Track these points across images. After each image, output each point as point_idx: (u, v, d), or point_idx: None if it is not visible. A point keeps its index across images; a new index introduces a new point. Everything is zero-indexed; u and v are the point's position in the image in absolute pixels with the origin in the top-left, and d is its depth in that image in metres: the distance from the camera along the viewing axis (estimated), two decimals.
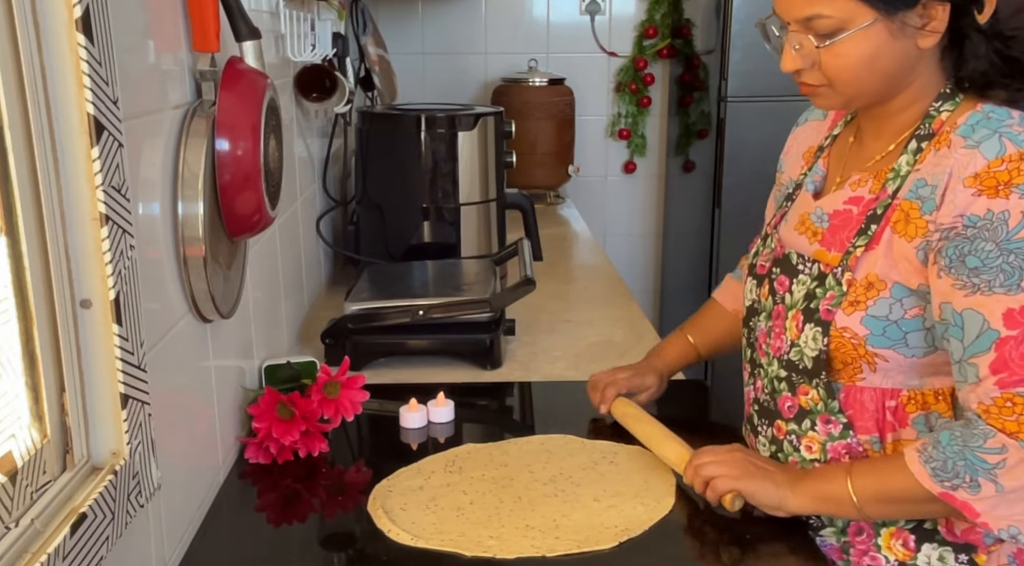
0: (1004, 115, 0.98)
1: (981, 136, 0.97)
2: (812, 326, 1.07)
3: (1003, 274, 0.93)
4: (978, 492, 0.94)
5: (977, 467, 0.94)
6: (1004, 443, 0.93)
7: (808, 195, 1.16)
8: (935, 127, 1.02)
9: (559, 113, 3.07)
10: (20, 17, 0.76)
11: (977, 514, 0.94)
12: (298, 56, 1.72)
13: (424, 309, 1.58)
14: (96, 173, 0.82)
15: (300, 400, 1.29)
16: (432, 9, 3.20)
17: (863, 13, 0.96)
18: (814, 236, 1.11)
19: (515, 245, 1.83)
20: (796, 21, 1.00)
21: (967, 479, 0.94)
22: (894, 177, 1.04)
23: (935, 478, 0.96)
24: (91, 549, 0.81)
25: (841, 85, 1.02)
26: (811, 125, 1.25)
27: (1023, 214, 0.93)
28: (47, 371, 0.81)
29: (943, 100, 1.03)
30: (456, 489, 1.18)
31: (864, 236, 1.04)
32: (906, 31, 0.98)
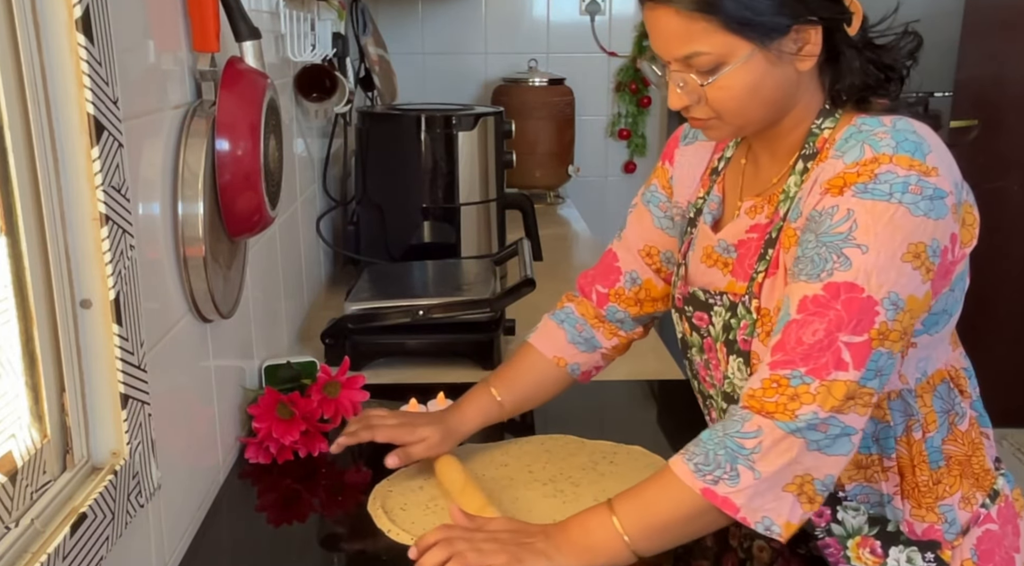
0: (875, 125, 0.98)
1: (848, 147, 0.97)
2: (735, 357, 1.07)
3: (811, 263, 0.94)
4: (737, 483, 0.92)
5: (736, 453, 0.92)
6: (760, 425, 0.92)
7: (706, 227, 1.15)
8: (819, 145, 1.02)
9: (559, 113, 3.07)
10: (20, 17, 0.76)
11: (737, 508, 0.92)
12: (298, 56, 1.72)
13: (424, 309, 1.58)
14: (96, 173, 0.82)
15: (300, 400, 1.29)
16: (432, 9, 3.20)
17: (740, 46, 0.96)
18: (725, 267, 1.10)
19: (515, 245, 1.83)
20: (676, 60, 1.00)
21: (727, 468, 0.92)
22: (784, 199, 1.04)
23: (698, 473, 0.94)
24: (91, 549, 0.81)
25: (729, 116, 1.02)
26: (700, 145, 1.22)
27: (848, 211, 0.93)
28: (47, 371, 0.82)
29: (824, 117, 1.03)
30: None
31: (763, 261, 1.04)
32: (783, 57, 0.98)
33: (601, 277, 1.31)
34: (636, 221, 1.30)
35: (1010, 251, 3.63)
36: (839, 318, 0.92)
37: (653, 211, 1.27)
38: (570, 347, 1.29)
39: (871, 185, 0.93)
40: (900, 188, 0.92)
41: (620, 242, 1.31)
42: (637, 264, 1.28)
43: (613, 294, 1.29)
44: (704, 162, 1.21)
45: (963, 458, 1.08)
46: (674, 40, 0.99)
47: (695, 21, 0.96)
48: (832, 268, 0.93)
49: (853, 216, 0.93)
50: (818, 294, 0.93)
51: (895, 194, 0.92)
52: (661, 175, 1.27)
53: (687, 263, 1.18)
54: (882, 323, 0.92)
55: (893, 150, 0.94)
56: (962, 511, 1.07)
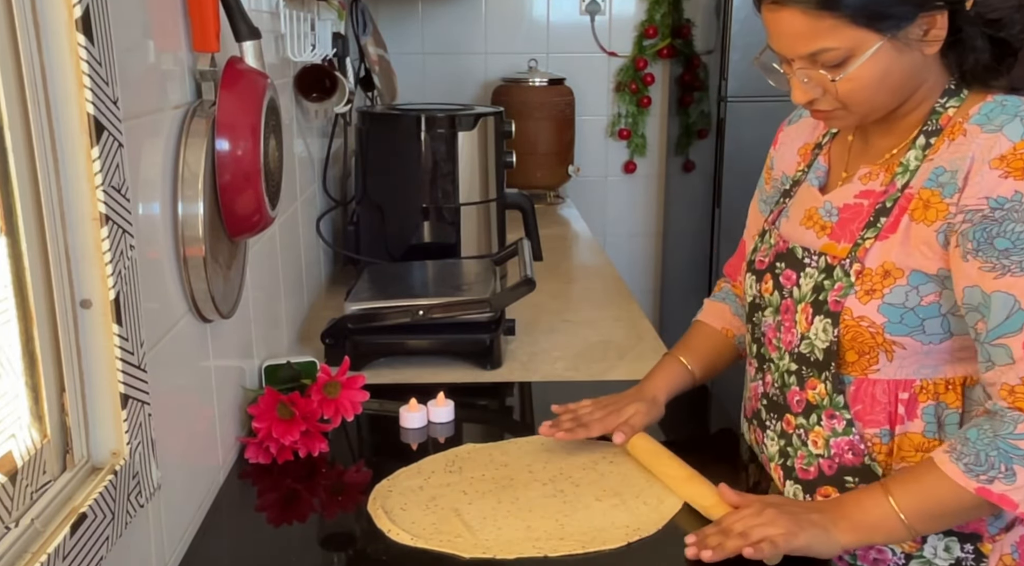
0: (1018, 102, 1.00)
1: (1002, 121, 0.98)
2: (822, 318, 1.07)
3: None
4: (1014, 481, 0.93)
5: (1011, 455, 0.93)
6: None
7: (813, 189, 1.16)
8: (942, 122, 1.04)
9: (559, 113, 3.07)
10: (20, 17, 0.76)
11: (1015, 505, 0.94)
12: (298, 56, 1.72)
13: (424, 309, 1.58)
14: (96, 173, 0.82)
15: (300, 400, 1.29)
16: (432, 9, 3.20)
17: (869, 38, 0.97)
18: (822, 230, 1.12)
19: (515, 245, 1.83)
20: (801, 58, 1.01)
21: (1002, 469, 0.94)
22: (903, 172, 1.05)
23: (969, 474, 0.95)
24: (91, 549, 0.81)
25: (855, 106, 1.03)
26: (805, 122, 1.25)
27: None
28: (47, 371, 0.81)
29: (948, 96, 1.05)
30: (456, 489, 1.18)
31: (873, 229, 1.05)
32: (911, 44, 0.99)
33: (738, 267, 1.36)
34: (753, 212, 1.35)
35: None
36: None
37: (764, 211, 1.32)
38: (735, 319, 1.37)
39: None
40: None
41: (748, 232, 1.37)
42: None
43: None
44: (805, 137, 1.24)
45: None
46: (800, 39, 0.99)
47: (822, 19, 0.96)
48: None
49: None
50: None
51: None
52: (767, 170, 1.32)
53: (777, 227, 1.20)
54: None
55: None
56: None
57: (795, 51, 1.01)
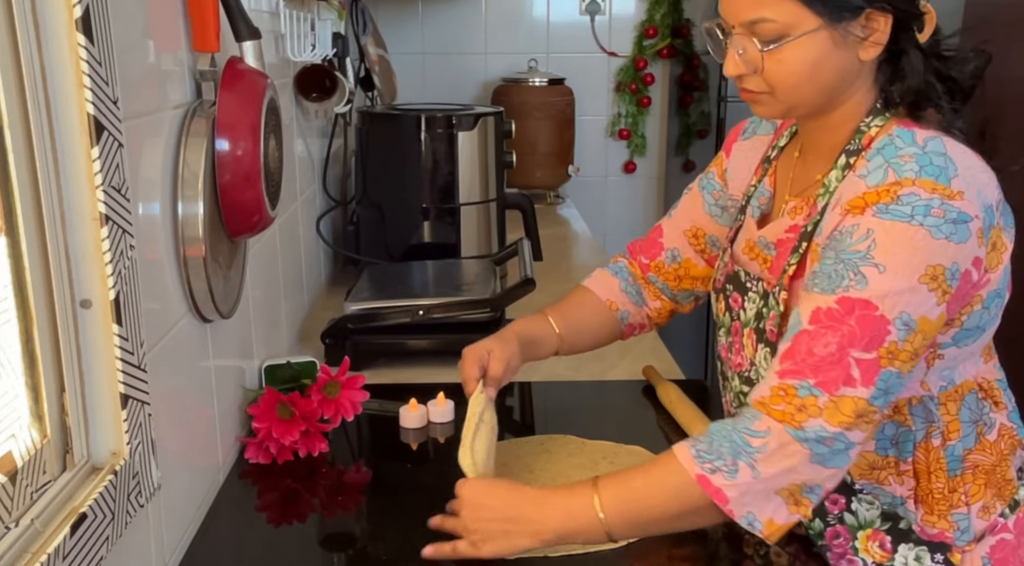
0: (907, 141, 0.98)
1: (874, 166, 0.97)
2: (763, 346, 1.08)
3: (827, 278, 0.95)
4: (735, 477, 0.93)
5: (740, 449, 0.94)
6: (770, 426, 0.93)
7: (752, 221, 1.16)
8: (864, 142, 1.02)
9: (559, 113, 3.07)
10: (20, 17, 0.76)
11: (727, 500, 0.94)
12: (298, 56, 1.72)
13: (424, 309, 1.58)
14: (96, 173, 0.82)
15: (300, 400, 1.29)
16: (432, 9, 3.20)
17: (808, 19, 0.96)
18: (764, 263, 1.12)
19: (515, 245, 1.83)
20: (741, 25, 1.00)
21: (728, 461, 0.94)
22: (824, 193, 1.04)
23: (698, 459, 0.95)
24: (91, 549, 0.81)
25: (782, 92, 1.02)
26: (758, 140, 1.24)
27: (868, 231, 0.93)
28: (47, 371, 0.81)
29: (874, 115, 1.03)
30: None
31: (796, 254, 1.05)
32: (848, 41, 0.98)
33: (645, 249, 1.36)
34: (689, 203, 1.33)
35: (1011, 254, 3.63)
36: (852, 333, 0.92)
37: (706, 197, 1.30)
38: (623, 295, 1.35)
39: (892, 206, 0.93)
40: (922, 211, 0.92)
41: (669, 220, 1.35)
42: (681, 243, 1.32)
43: (654, 266, 1.34)
44: (760, 154, 1.23)
45: (989, 467, 1.08)
46: (744, 4, 0.99)
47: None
48: (848, 284, 0.93)
49: (872, 235, 0.93)
50: (832, 307, 0.93)
51: (916, 216, 0.92)
52: (719, 165, 1.30)
53: (732, 248, 1.20)
54: (892, 343, 0.92)
55: (916, 174, 0.94)
56: (979, 519, 1.07)
57: (736, 16, 1.00)
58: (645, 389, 1.56)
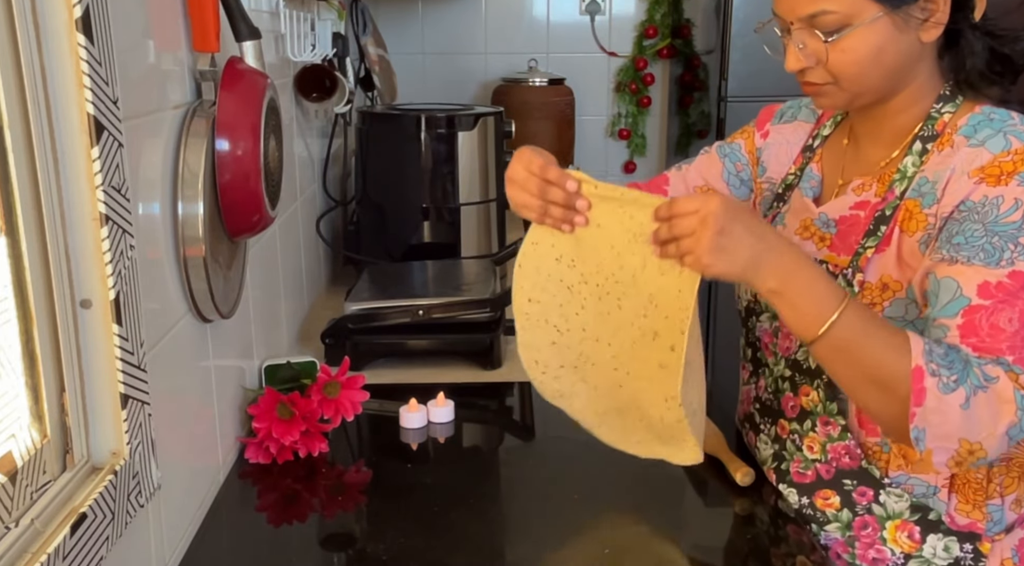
0: (1005, 116, 1.00)
1: (985, 135, 0.98)
2: None
3: (984, 252, 0.94)
4: (948, 392, 0.89)
5: (970, 374, 0.90)
6: (999, 375, 0.91)
7: (807, 200, 1.16)
8: (938, 128, 1.03)
9: (559, 113, 3.07)
10: (20, 17, 0.76)
11: (921, 401, 0.89)
12: (298, 56, 1.72)
13: (424, 309, 1.58)
14: (96, 173, 0.82)
15: (300, 400, 1.29)
16: (432, 9, 3.20)
17: (868, 8, 0.97)
18: (822, 242, 1.11)
19: (515, 245, 1.82)
20: (800, 19, 1.00)
21: (953, 378, 0.90)
22: (901, 178, 1.04)
23: (927, 356, 0.91)
24: (91, 549, 0.81)
25: (847, 81, 1.02)
26: (798, 125, 1.24)
27: (1016, 200, 0.94)
28: (47, 371, 0.81)
29: (944, 102, 1.05)
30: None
31: (874, 237, 1.05)
32: (910, 24, 0.98)
33: (647, 190, 1.31)
34: (704, 163, 1.31)
35: None
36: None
37: (727, 165, 1.29)
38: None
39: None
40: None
41: (678, 172, 1.33)
42: (685, 194, 1.26)
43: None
44: (800, 141, 1.22)
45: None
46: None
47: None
48: (1013, 257, 0.93)
49: (1023, 205, 0.93)
50: (1003, 281, 0.93)
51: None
52: (749, 140, 1.28)
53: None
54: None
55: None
56: (1011, 512, 1.07)
57: (795, 12, 1.00)
58: None
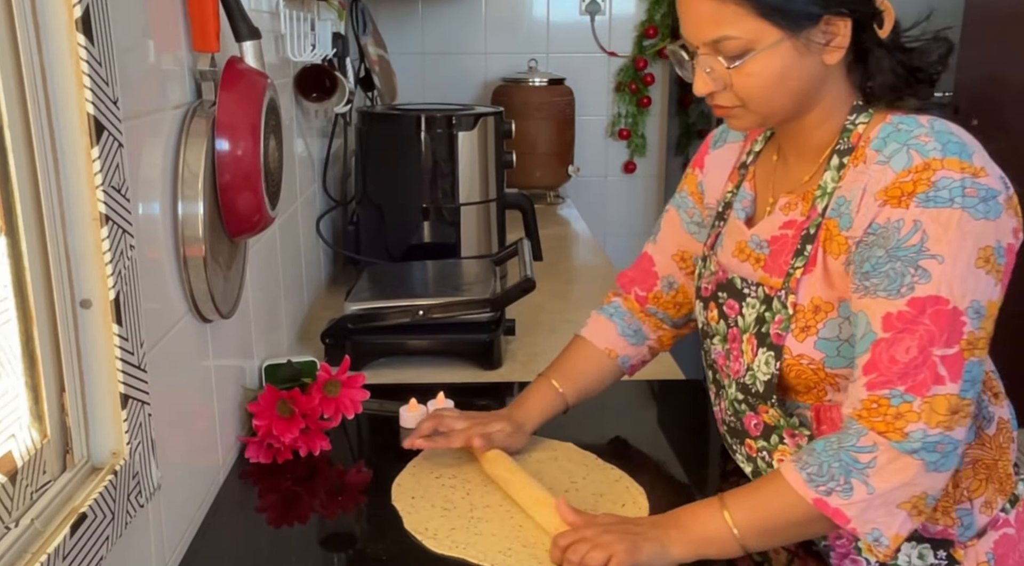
0: (912, 125, 0.98)
1: (892, 150, 0.97)
2: (765, 350, 1.07)
3: (887, 279, 0.94)
4: (850, 496, 0.93)
5: (851, 467, 0.93)
6: (875, 441, 0.93)
7: (739, 222, 1.15)
8: (853, 141, 1.03)
9: (559, 113, 3.07)
10: (20, 17, 0.76)
11: (847, 519, 0.94)
12: (298, 56, 1.72)
13: (424, 309, 1.58)
14: (96, 173, 0.82)
15: (300, 397, 1.29)
16: (432, 9, 3.20)
17: (769, 32, 0.97)
18: (757, 263, 1.11)
19: (515, 245, 1.83)
20: (704, 44, 1.00)
21: (841, 481, 0.94)
22: (821, 195, 1.04)
23: (811, 483, 0.95)
24: (91, 549, 0.81)
25: (754, 104, 1.02)
26: (729, 147, 1.24)
27: (915, 223, 0.93)
28: (47, 371, 0.81)
29: (857, 113, 1.04)
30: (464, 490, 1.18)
31: (801, 257, 1.04)
32: (812, 48, 0.98)
33: (639, 280, 1.34)
34: (668, 225, 1.32)
35: None
36: (930, 333, 0.92)
37: (682, 216, 1.30)
38: (620, 339, 1.33)
39: (932, 193, 0.93)
40: (958, 192, 0.92)
41: (655, 245, 1.34)
42: (672, 269, 1.31)
43: (652, 298, 1.32)
44: (732, 161, 1.22)
45: (990, 462, 1.08)
46: (705, 23, 0.99)
47: (726, 5, 0.96)
48: (912, 282, 0.93)
49: (921, 227, 0.93)
50: (903, 310, 0.93)
51: (955, 200, 0.92)
52: (691, 182, 1.29)
53: (715, 254, 1.19)
54: (970, 333, 0.92)
55: (941, 153, 0.94)
56: (981, 515, 1.07)
57: (699, 37, 1.00)
58: (645, 390, 1.56)
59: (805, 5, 0.96)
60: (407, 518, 1.12)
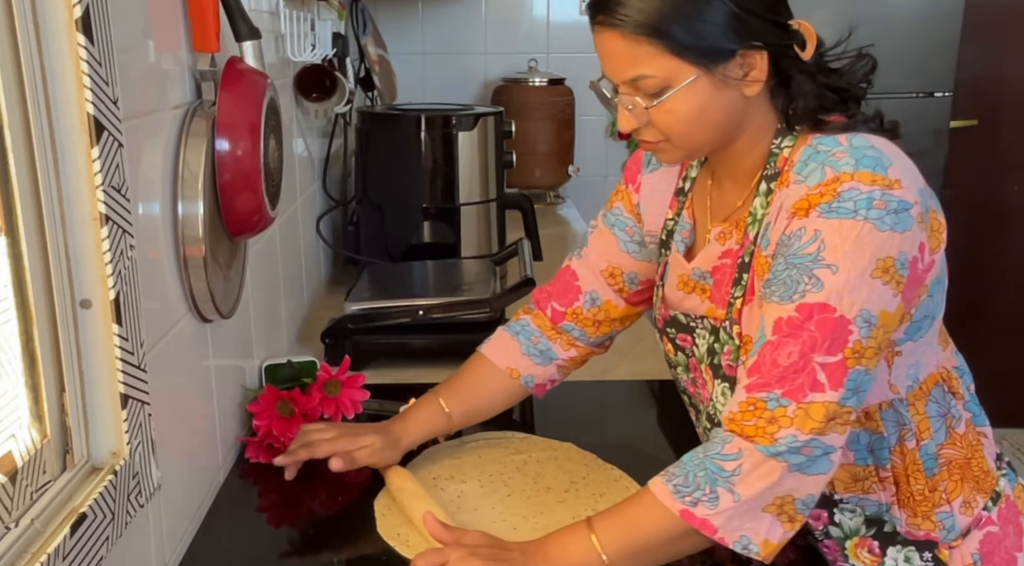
0: (831, 145, 0.97)
1: (809, 170, 0.97)
2: (720, 382, 1.07)
3: (783, 286, 0.94)
4: (716, 506, 0.92)
5: (716, 475, 0.92)
6: (740, 447, 0.92)
7: (679, 255, 1.14)
8: (780, 165, 1.02)
9: (559, 113, 3.07)
10: (20, 17, 0.76)
11: (715, 529, 0.92)
12: (298, 56, 1.72)
13: (424, 309, 1.58)
14: (96, 173, 0.82)
15: (300, 397, 1.29)
16: (432, 9, 3.20)
17: (685, 70, 0.96)
18: (703, 293, 1.10)
19: (515, 245, 1.83)
20: (623, 83, 1.00)
21: (707, 491, 0.92)
22: (752, 222, 1.04)
23: (677, 494, 0.93)
24: (91, 549, 0.81)
25: (677, 139, 1.01)
26: (664, 170, 1.21)
27: (815, 232, 0.92)
28: (47, 371, 0.82)
29: (782, 136, 1.03)
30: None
31: (739, 286, 1.04)
32: (729, 82, 0.97)
33: (559, 295, 1.28)
34: (599, 242, 1.27)
35: (1009, 250, 3.63)
36: (813, 339, 0.91)
37: (619, 235, 1.25)
38: (524, 359, 1.27)
39: (835, 204, 0.92)
40: (864, 204, 0.91)
41: (580, 260, 1.28)
42: (598, 284, 1.26)
43: (571, 313, 1.26)
44: (671, 186, 1.20)
45: (963, 461, 1.07)
46: (621, 63, 0.99)
47: (640, 44, 0.95)
48: (804, 290, 0.92)
49: (820, 236, 0.92)
50: (792, 316, 0.93)
51: (860, 211, 0.91)
52: (625, 199, 1.26)
53: (663, 286, 1.18)
54: (856, 342, 0.91)
55: (853, 168, 0.93)
56: (962, 516, 1.07)
57: (618, 75, 1.00)
58: (645, 390, 1.56)
59: (718, 42, 0.95)
60: (380, 522, 1.12)
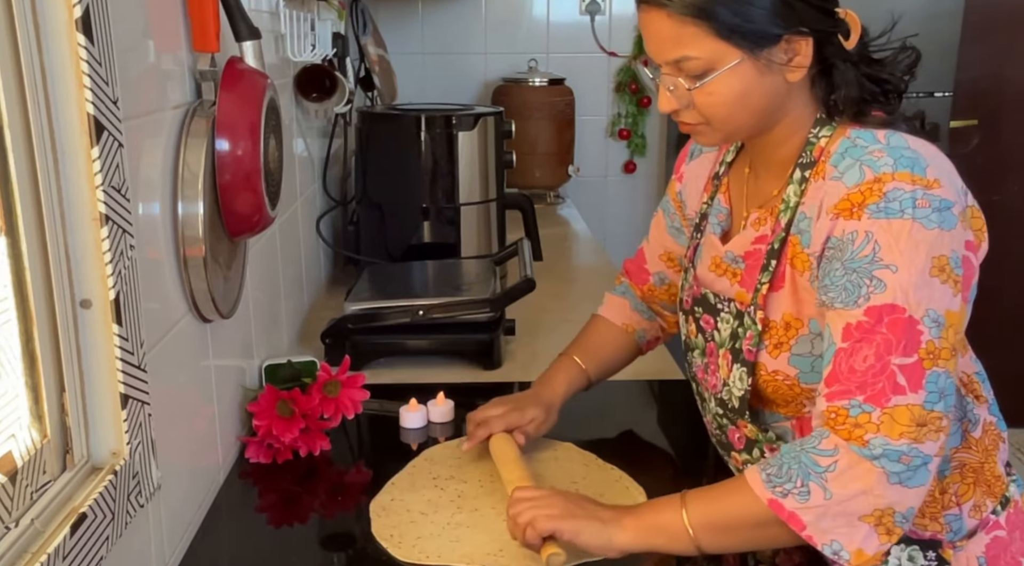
0: (869, 140, 0.98)
1: (846, 165, 0.97)
2: (739, 366, 1.07)
3: (844, 292, 0.94)
4: (807, 500, 0.91)
5: (809, 470, 0.92)
6: (836, 444, 0.92)
7: (714, 238, 1.15)
8: (816, 154, 1.02)
9: (559, 113, 3.07)
10: (20, 17, 0.76)
11: (803, 526, 0.91)
12: (298, 56, 1.72)
13: (424, 309, 1.58)
14: (96, 173, 0.82)
15: (300, 397, 1.29)
16: (432, 9, 3.20)
17: (730, 53, 0.96)
18: (734, 277, 1.11)
19: (515, 245, 1.83)
20: (667, 63, 1.00)
21: (798, 483, 0.92)
22: (785, 209, 1.04)
23: (768, 483, 0.94)
24: (91, 549, 0.81)
25: (717, 122, 1.02)
26: (705, 157, 1.24)
27: (867, 234, 0.93)
28: (47, 371, 0.81)
29: (820, 126, 1.03)
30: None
31: (767, 272, 1.04)
32: (773, 67, 0.98)
33: (635, 274, 1.39)
34: (655, 226, 1.36)
35: (1011, 252, 3.63)
36: (887, 341, 0.91)
37: (666, 219, 1.33)
38: (635, 314, 1.38)
39: (882, 204, 0.92)
40: (909, 204, 0.92)
41: (648, 244, 1.38)
42: (661, 266, 1.35)
43: (646, 290, 1.37)
44: (707, 172, 1.22)
45: (977, 465, 1.07)
46: (665, 43, 0.99)
47: (686, 25, 0.96)
48: (868, 293, 0.92)
49: (873, 238, 0.92)
50: (861, 320, 0.92)
51: (906, 210, 0.92)
52: (672, 189, 1.32)
53: (695, 267, 1.19)
54: (929, 342, 0.91)
55: (892, 168, 0.94)
56: (970, 519, 1.07)
57: (661, 56, 1.00)
58: (645, 390, 1.56)
59: (764, 26, 0.95)
60: (375, 522, 1.11)
